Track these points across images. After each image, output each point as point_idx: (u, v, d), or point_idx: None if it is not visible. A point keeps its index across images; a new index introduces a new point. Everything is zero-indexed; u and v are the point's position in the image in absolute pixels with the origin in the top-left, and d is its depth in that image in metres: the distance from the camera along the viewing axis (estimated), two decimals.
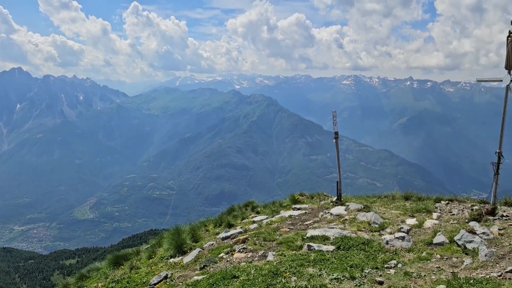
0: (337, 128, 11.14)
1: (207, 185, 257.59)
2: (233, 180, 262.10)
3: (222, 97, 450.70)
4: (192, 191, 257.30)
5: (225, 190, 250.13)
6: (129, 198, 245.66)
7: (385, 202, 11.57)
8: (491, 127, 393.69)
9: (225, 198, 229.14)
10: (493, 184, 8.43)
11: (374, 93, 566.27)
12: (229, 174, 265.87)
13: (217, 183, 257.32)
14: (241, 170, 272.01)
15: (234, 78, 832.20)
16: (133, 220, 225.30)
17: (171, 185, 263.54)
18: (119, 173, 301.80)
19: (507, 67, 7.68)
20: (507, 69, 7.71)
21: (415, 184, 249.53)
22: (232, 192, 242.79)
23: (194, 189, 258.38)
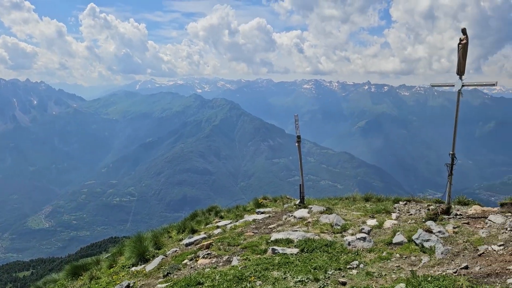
0: (299, 132, 11.29)
1: (169, 190, 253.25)
2: (195, 185, 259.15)
3: (184, 101, 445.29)
4: (154, 197, 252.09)
5: (188, 195, 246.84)
6: (88, 205, 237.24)
7: (346, 204, 11.82)
8: (443, 129, 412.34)
9: (188, 203, 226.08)
10: (447, 185, 8.80)
11: (334, 97, 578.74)
12: (191, 179, 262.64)
13: (179, 188, 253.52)
14: (203, 174, 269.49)
15: (195, 82, 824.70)
16: (91, 228, 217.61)
17: (132, 191, 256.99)
18: (76, 179, 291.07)
19: (458, 73, 8.07)
20: (458, 75, 8.10)
21: (374, 185, 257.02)
22: (195, 197, 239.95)
23: (155, 195, 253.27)
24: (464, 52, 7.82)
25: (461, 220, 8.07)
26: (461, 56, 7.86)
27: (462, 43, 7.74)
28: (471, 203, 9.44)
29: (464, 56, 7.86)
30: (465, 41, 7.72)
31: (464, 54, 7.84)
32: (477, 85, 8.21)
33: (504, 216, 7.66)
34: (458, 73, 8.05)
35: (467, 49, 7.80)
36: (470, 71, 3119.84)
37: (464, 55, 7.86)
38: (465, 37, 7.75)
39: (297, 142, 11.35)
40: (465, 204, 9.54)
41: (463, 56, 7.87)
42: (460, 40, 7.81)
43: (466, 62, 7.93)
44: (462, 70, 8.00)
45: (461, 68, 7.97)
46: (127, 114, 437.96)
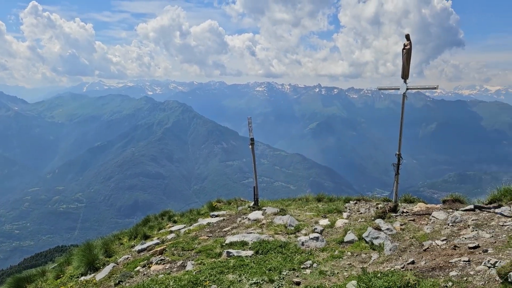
0: (253, 135, 11.35)
1: (120, 195, 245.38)
2: (147, 190, 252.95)
3: (134, 104, 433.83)
4: (103, 202, 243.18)
5: (140, 200, 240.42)
6: (31, 213, 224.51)
7: (299, 205, 12.01)
8: (390, 130, 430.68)
9: (140, 208, 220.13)
10: (394, 183, 9.18)
11: (286, 99, 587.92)
12: (143, 183, 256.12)
13: (131, 193, 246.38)
14: (156, 178, 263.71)
15: (146, 84, 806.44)
16: (36, 238, 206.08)
17: (80, 197, 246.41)
18: (19, 187, 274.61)
19: (403, 77, 8.46)
20: (403, 78, 8.49)
21: (326, 185, 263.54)
22: (147, 202, 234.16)
23: (105, 200, 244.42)
24: (408, 57, 8.22)
25: (408, 217, 8.46)
26: (405, 60, 8.25)
27: (406, 48, 8.12)
28: (416, 201, 9.92)
29: (408, 60, 8.26)
30: (408, 46, 8.10)
31: (408, 58, 8.23)
32: (420, 88, 8.65)
33: (446, 212, 8.10)
34: (402, 77, 8.44)
35: (411, 54, 8.20)
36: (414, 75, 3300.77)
37: (408, 60, 8.25)
38: (408, 42, 8.13)
39: (251, 145, 11.40)
40: (410, 201, 10.00)
41: (407, 61, 8.26)
42: (404, 45, 8.19)
43: (410, 67, 8.33)
44: (407, 74, 8.39)
45: (405, 72, 8.37)
46: (73, 117, 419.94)
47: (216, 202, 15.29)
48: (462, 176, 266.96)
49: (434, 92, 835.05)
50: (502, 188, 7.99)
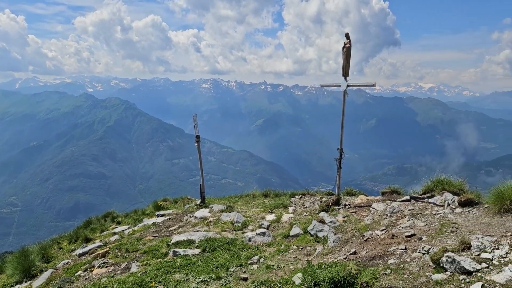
0: (198, 132, 11.23)
1: (59, 197, 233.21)
2: (89, 191, 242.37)
3: (73, 101, 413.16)
4: (41, 205, 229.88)
5: (81, 202, 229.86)
6: None
7: (246, 201, 12.08)
8: (333, 126, 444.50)
9: (81, 210, 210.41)
10: (337, 178, 9.50)
11: (232, 96, 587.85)
12: (84, 184, 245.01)
13: (71, 195, 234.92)
14: (98, 179, 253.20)
15: (86, 80, 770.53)
16: None
17: (14, 201, 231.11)
18: None
19: (343, 74, 8.75)
20: (343, 76, 8.79)
21: (272, 181, 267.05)
22: (89, 203, 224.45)
23: (43, 203, 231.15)
24: (348, 55, 8.52)
25: (350, 210, 8.80)
26: (345, 58, 8.54)
27: (346, 46, 8.41)
28: (357, 194, 10.32)
29: (348, 58, 8.56)
30: (348, 45, 8.40)
31: (348, 57, 8.54)
32: (360, 85, 9.01)
33: (385, 204, 8.53)
34: (343, 74, 8.74)
35: (351, 52, 8.51)
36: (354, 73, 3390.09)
37: (348, 58, 8.56)
38: (348, 41, 8.43)
39: (197, 142, 11.28)
40: (352, 194, 10.40)
41: (347, 59, 8.56)
42: (344, 44, 8.48)
43: (350, 64, 8.65)
44: (347, 72, 8.70)
45: (346, 70, 8.67)
46: (5, 115, 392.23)
47: (162, 201, 15.03)
48: (400, 169, 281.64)
49: (373, 89, 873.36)
50: (434, 179, 8.54)
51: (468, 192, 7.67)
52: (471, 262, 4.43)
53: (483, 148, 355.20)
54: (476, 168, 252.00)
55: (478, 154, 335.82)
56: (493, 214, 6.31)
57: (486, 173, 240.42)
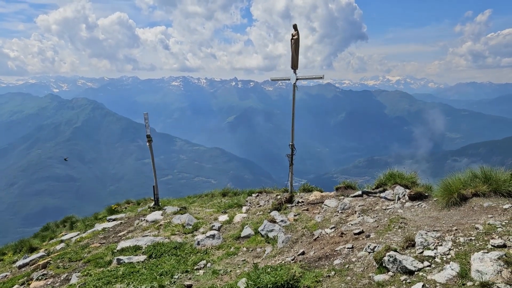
0: (150, 131, 10.74)
1: (25, 202, 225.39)
2: (57, 194, 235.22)
3: (38, 102, 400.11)
4: (7, 211, 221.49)
5: (49, 206, 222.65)
6: None
7: (204, 201, 11.68)
8: (302, 121, 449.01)
9: (49, 215, 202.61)
10: (289, 174, 9.22)
11: (202, 93, 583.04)
12: (52, 187, 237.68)
13: (38, 199, 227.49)
14: (66, 181, 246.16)
15: (51, 80, 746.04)
16: None
17: None
18: None
19: (292, 67, 8.45)
20: (293, 69, 8.48)
21: (246, 178, 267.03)
22: (58, 207, 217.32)
23: (9, 208, 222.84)
24: (296, 47, 8.21)
25: (302, 207, 8.53)
26: (294, 51, 8.23)
27: (294, 38, 8.10)
28: (313, 189, 10.07)
29: (296, 51, 8.26)
30: (296, 36, 8.09)
31: (297, 49, 8.23)
32: (308, 78, 8.72)
33: (337, 200, 8.31)
34: (292, 67, 8.43)
35: (299, 44, 8.21)
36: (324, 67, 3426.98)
37: (297, 50, 8.25)
38: (296, 32, 8.12)
39: (148, 142, 10.77)
40: (309, 190, 10.14)
41: (296, 51, 8.26)
42: (292, 35, 8.16)
43: (299, 57, 8.35)
44: (296, 64, 8.40)
45: (294, 62, 8.37)
46: None
47: (125, 203, 14.57)
48: (370, 161, 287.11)
49: (342, 83, 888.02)
50: (387, 172, 8.38)
51: (418, 185, 7.54)
52: (413, 261, 4.30)
53: (448, 138, 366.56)
54: (442, 157, 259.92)
55: (444, 143, 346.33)
56: (441, 208, 6.16)
57: (452, 162, 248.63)
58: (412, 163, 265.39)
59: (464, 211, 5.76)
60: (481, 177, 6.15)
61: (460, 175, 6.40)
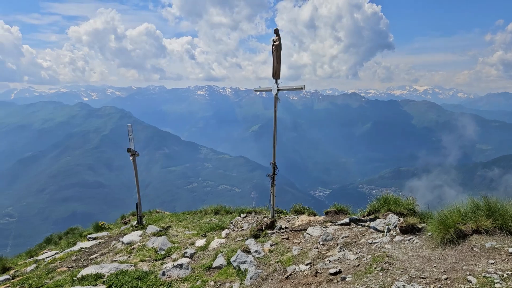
0: (134, 145, 10.04)
1: (55, 207, 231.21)
2: (85, 200, 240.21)
3: (68, 111, 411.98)
4: (37, 216, 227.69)
5: (78, 211, 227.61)
6: None
7: (194, 219, 10.89)
8: (328, 130, 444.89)
9: (78, 220, 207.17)
10: (271, 196, 8.30)
11: (227, 102, 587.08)
12: (80, 193, 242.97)
13: (67, 205, 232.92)
14: (94, 188, 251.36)
15: (81, 89, 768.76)
16: None
17: (10, 211, 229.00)
18: None
19: (274, 76, 7.58)
20: (274, 78, 7.62)
21: (269, 186, 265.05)
22: (86, 213, 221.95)
23: (39, 213, 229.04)
24: (278, 54, 7.34)
25: (283, 235, 7.56)
26: (275, 58, 7.36)
27: (275, 44, 7.24)
28: (305, 211, 9.10)
29: (278, 58, 7.38)
30: (277, 42, 7.23)
31: (278, 56, 7.35)
32: (289, 89, 7.79)
33: (322, 227, 7.32)
34: (273, 77, 7.57)
35: (281, 51, 7.34)
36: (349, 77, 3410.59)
37: (278, 58, 7.38)
38: (277, 38, 7.26)
39: (132, 156, 10.05)
40: (300, 212, 9.16)
41: (277, 59, 7.38)
42: (273, 41, 7.31)
43: (280, 65, 7.48)
44: (277, 73, 7.52)
45: (276, 71, 7.49)
46: (0, 126, 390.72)
47: (130, 215, 14.02)
48: (396, 172, 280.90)
49: (369, 93, 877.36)
50: (381, 197, 7.35)
51: (416, 213, 6.48)
52: None
53: (478, 149, 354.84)
54: (472, 169, 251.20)
55: (474, 155, 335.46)
56: (435, 245, 5.11)
57: (483, 173, 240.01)
58: (440, 173, 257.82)
59: (461, 251, 4.72)
60: (484, 209, 5.07)
61: (460, 205, 5.34)
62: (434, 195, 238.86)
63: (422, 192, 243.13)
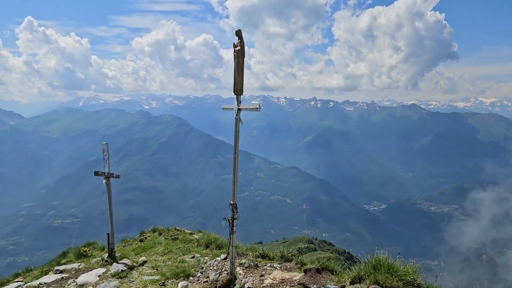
0: (109, 167, 8.78)
1: (115, 210, 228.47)
2: (142, 204, 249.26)
3: (130, 118, 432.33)
4: (98, 217, 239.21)
5: (135, 215, 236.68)
6: (26, 229, 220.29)
7: (178, 252, 9.42)
8: (385, 143, 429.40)
9: (135, 223, 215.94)
10: (230, 248, 6.55)
11: (281, 112, 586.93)
12: (138, 197, 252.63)
13: (126, 208, 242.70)
14: (151, 193, 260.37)
15: (142, 98, 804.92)
16: (30, 253, 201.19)
17: (75, 212, 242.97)
18: (12, 202, 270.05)
19: (235, 91, 5.92)
20: (235, 94, 5.97)
21: (321, 199, 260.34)
22: (142, 217, 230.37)
23: (100, 215, 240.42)
24: (239, 62, 5.62)
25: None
26: (236, 68, 5.66)
27: (236, 50, 5.57)
28: (294, 260, 7.25)
29: (239, 68, 5.66)
30: (238, 47, 5.54)
31: (240, 65, 5.63)
32: (246, 109, 6.14)
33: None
34: (235, 92, 5.91)
35: (244, 58, 5.65)
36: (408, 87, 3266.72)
37: (240, 67, 5.65)
38: (239, 41, 5.58)
39: (105, 179, 8.75)
40: (288, 260, 7.35)
41: (239, 68, 5.66)
42: (234, 46, 5.65)
43: (243, 77, 5.78)
44: (239, 88, 5.83)
45: (238, 85, 5.81)
46: (69, 131, 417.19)
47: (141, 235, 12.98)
48: (459, 189, 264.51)
49: (429, 105, 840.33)
50: (371, 259, 5.36)
51: None
52: None
53: None
54: None
55: None
56: None
57: None
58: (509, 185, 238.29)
59: None
60: None
61: None
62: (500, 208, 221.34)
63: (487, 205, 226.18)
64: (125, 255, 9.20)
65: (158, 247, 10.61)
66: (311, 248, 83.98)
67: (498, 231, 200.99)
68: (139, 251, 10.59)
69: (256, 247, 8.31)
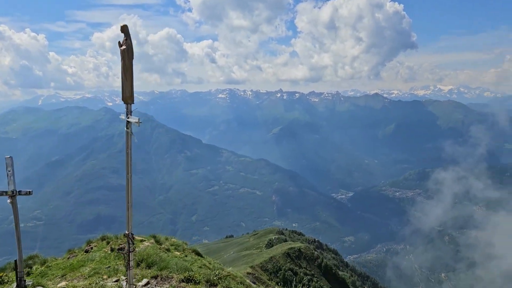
0: (14, 184, 7.66)
1: (81, 210, 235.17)
2: (110, 203, 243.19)
3: (93, 115, 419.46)
4: (64, 219, 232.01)
5: (102, 214, 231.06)
6: None
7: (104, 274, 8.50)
8: (351, 132, 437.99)
9: (102, 222, 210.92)
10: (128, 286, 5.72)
11: (248, 105, 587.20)
12: (105, 196, 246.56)
13: (92, 208, 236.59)
14: (118, 191, 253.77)
15: (105, 94, 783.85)
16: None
17: (38, 215, 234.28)
18: None
19: (124, 99, 4.97)
20: (125, 103, 5.03)
21: (290, 190, 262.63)
22: (110, 216, 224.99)
23: (65, 216, 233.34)
24: (126, 64, 4.68)
25: None
26: (123, 70, 4.70)
27: (121, 49, 4.64)
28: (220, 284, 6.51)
29: (127, 70, 4.70)
30: (125, 46, 4.61)
31: (128, 67, 4.68)
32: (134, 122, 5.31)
33: None
34: (123, 100, 4.96)
35: (132, 58, 4.72)
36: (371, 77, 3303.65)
37: (128, 69, 4.69)
38: (125, 39, 4.65)
39: (10, 197, 7.63)
40: (214, 285, 6.60)
41: (127, 71, 4.70)
42: (119, 44, 4.71)
43: (133, 82, 4.82)
44: (128, 95, 4.91)
45: (127, 92, 4.86)
46: (28, 131, 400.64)
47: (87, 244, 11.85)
48: (421, 173, 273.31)
49: (391, 93, 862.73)
50: None
51: None
52: None
53: (508, 150, 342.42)
54: (500, 171, 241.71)
55: (503, 156, 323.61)
56: None
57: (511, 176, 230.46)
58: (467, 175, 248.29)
59: None
60: None
61: None
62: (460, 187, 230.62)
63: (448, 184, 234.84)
64: (40, 283, 8.15)
65: (88, 265, 9.67)
66: (281, 239, 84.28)
67: (459, 210, 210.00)
68: (66, 271, 9.62)
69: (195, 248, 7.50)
